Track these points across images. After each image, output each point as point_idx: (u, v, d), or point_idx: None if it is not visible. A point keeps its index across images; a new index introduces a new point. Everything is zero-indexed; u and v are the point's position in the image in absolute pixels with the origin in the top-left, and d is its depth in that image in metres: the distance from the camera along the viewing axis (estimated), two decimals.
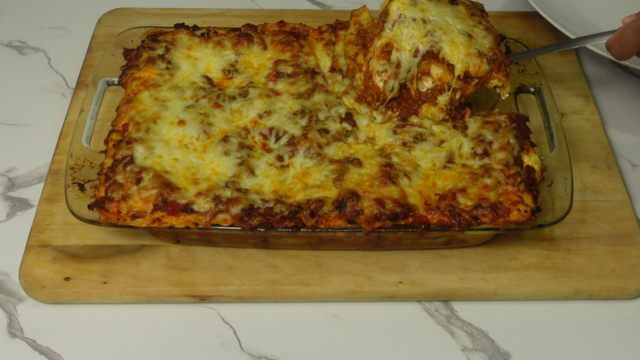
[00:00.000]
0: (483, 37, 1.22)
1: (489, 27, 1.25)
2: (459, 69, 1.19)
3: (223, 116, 1.21)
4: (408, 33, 1.19)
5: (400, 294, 1.11)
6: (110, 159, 1.15)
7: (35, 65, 1.50)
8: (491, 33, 1.24)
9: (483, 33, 1.22)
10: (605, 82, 1.47)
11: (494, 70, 1.20)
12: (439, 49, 1.19)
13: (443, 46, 1.19)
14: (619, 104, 1.43)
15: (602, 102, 1.43)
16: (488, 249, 1.16)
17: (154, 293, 1.10)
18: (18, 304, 1.12)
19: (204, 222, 1.07)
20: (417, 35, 1.19)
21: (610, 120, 1.40)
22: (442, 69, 1.20)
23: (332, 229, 1.07)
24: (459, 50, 1.18)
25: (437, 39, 1.19)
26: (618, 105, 1.43)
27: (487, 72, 1.20)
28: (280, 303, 1.12)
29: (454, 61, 1.19)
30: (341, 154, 1.16)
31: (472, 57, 1.19)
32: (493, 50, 1.20)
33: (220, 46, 1.31)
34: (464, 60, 1.18)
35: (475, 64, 1.19)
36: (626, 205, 1.23)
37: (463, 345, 1.08)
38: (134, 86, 1.25)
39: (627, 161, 1.33)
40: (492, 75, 1.21)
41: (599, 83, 1.46)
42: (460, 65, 1.19)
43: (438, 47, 1.19)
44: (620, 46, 1.11)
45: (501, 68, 1.21)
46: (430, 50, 1.19)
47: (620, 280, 1.13)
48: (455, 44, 1.19)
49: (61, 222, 1.18)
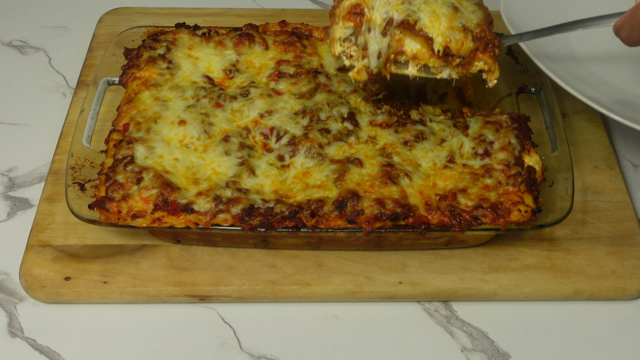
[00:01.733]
0: (471, 11, 1.09)
1: (480, 3, 1.12)
2: (439, 43, 1.05)
3: (224, 116, 1.21)
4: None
5: (400, 294, 1.11)
6: (111, 158, 1.15)
7: (35, 64, 1.50)
8: (482, 9, 1.11)
9: (472, 8, 1.10)
10: None
11: (479, 49, 1.07)
12: (416, 20, 1.05)
13: (422, 16, 1.05)
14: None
15: None
16: (488, 249, 1.16)
17: (154, 293, 1.10)
18: (18, 304, 1.12)
19: (204, 222, 1.07)
20: (392, 2, 1.05)
21: (611, 120, 1.39)
22: (419, 43, 1.06)
23: (332, 229, 1.07)
24: (439, 23, 1.04)
25: (416, 8, 1.05)
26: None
27: (472, 51, 1.07)
28: (280, 303, 1.12)
29: (433, 34, 1.05)
30: (342, 154, 1.16)
31: (455, 31, 1.05)
32: (481, 26, 1.07)
33: (222, 46, 1.31)
34: (445, 34, 1.04)
35: (458, 39, 1.05)
36: (627, 205, 1.23)
37: (463, 346, 1.08)
38: (134, 86, 1.25)
39: (628, 162, 1.33)
40: (477, 56, 1.08)
41: None
42: (440, 39, 1.05)
43: (415, 17, 1.05)
44: (630, 29, 0.97)
45: (488, 48, 1.07)
46: (405, 20, 1.05)
47: (621, 281, 1.12)
48: (436, 15, 1.05)
49: (61, 221, 1.18)
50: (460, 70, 1.10)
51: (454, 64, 1.09)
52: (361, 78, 1.13)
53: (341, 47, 1.13)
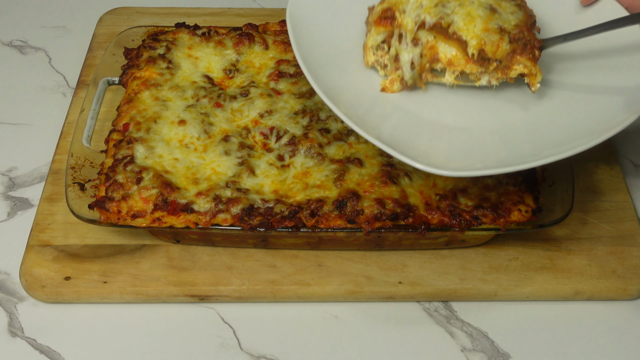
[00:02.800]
0: (510, 12, 1.03)
1: (521, 4, 1.05)
2: (473, 46, 1.00)
3: (224, 116, 1.21)
4: (415, 1, 1.01)
5: (400, 294, 1.11)
6: (111, 158, 1.15)
7: (35, 64, 1.51)
8: (522, 10, 1.04)
9: (512, 9, 1.03)
10: None
11: (516, 51, 1.00)
12: (449, 23, 1.00)
13: (455, 19, 0.99)
14: None
15: None
16: (488, 249, 1.16)
17: (154, 293, 1.10)
18: (18, 303, 1.12)
19: (204, 222, 1.07)
20: (425, 5, 1.01)
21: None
22: (454, 48, 1.01)
23: (332, 229, 1.07)
24: (474, 25, 0.99)
25: (450, 11, 1.00)
26: None
27: (509, 54, 1.00)
28: (279, 303, 1.12)
29: (467, 36, 0.99)
30: (342, 154, 1.16)
31: (491, 32, 0.99)
32: (519, 27, 1.01)
33: (222, 46, 1.31)
34: (480, 36, 0.99)
35: (493, 41, 0.99)
36: (628, 205, 1.22)
37: (462, 346, 1.08)
38: (134, 86, 1.25)
39: (629, 161, 1.33)
40: (516, 59, 1.00)
41: None
42: (475, 42, 0.99)
43: (449, 20, 1.00)
44: None
45: (526, 49, 1.00)
46: (437, 23, 1.00)
47: (621, 281, 1.12)
48: (471, 17, 0.99)
49: (61, 221, 1.18)
50: (500, 75, 1.04)
51: (491, 68, 1.03)
52: (393, 89, 1.07)
53: (374, 56, 1.08)
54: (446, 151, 1.01)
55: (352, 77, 1.11)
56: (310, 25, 1.12)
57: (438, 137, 1.03)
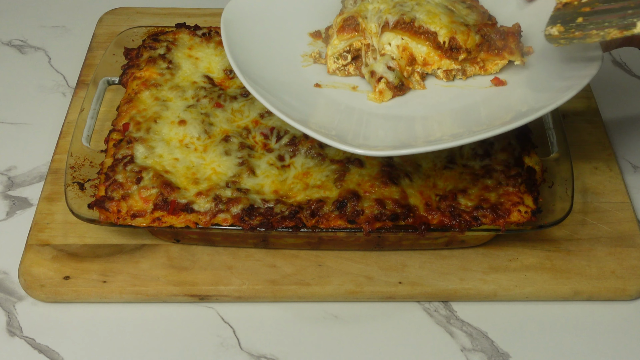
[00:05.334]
0: (465, 14, 1.09)
1: (474, 5, 1.12)
2: (443, 35, 1.04)
3: (224, 116, 1.21)
4: (374, 8, 1.06)
5: (400, 294, 1.11)
6: (111, 158, 1.15)
7: (35, 64, 1.50)
8: (475, 10, 1.11)
9: (465, 11, 1.09)
10: (607, 83, 1.47)
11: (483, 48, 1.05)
12: (412, 18, 1.04)
13: (417, 15, 1.04)
14: (620, 106, 1.43)
15: (604, 104, 1.42)
16: (488, 249, 1.16)
17: (154, 292, 1.10)
18: (17, 303, 1.12)
19: (204, 222, 1.07)
20: (383, 9, 1.05)
21: (611, 121, 1.40)
22: (425, 44, 1.05)
23: (332, 229, 1.07)
24: (439, 18, 1.04)
25: (409, 8, 1.04)
26: (620, 107, 1.43)
27: (478, 45, 1.06)
28: (279, 303, 1.12)
29: (436, 27, 1.03)
30: (342, 154, 1.16)
31: (458, 25, 1.04)
32: (478, 26, 1.07)
33: (222, 46, 1.31)
34: (449, 26, 1.03)
35: (463, 31, 1.04)
36: (627, 206, 1.23)
37: (462, 346, 1.08)
38: (134, 86, 1.25)
39: (628, 163, 1.33)
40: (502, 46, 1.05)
41: (601, 84, 1.46)
42: (445, 31, 1.03)
43: (411, 16, 1.04)
44: None
45: (511, 37, 1.06)
46: (400, 20, 1.04)
47: (620, 282, 1.12)
48: (434, 13, 1.04)
49: (61, 221, 1.18)
50: (478, 70, 1.09)
51: (460, 58, 1.06)
52: (384, 99, 1.09)
53: (335, 64, 1.12)
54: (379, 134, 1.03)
55: (289, 77, 1.14)
56: (245, 30, 1.17)
57: (366, 122, 1.05)
